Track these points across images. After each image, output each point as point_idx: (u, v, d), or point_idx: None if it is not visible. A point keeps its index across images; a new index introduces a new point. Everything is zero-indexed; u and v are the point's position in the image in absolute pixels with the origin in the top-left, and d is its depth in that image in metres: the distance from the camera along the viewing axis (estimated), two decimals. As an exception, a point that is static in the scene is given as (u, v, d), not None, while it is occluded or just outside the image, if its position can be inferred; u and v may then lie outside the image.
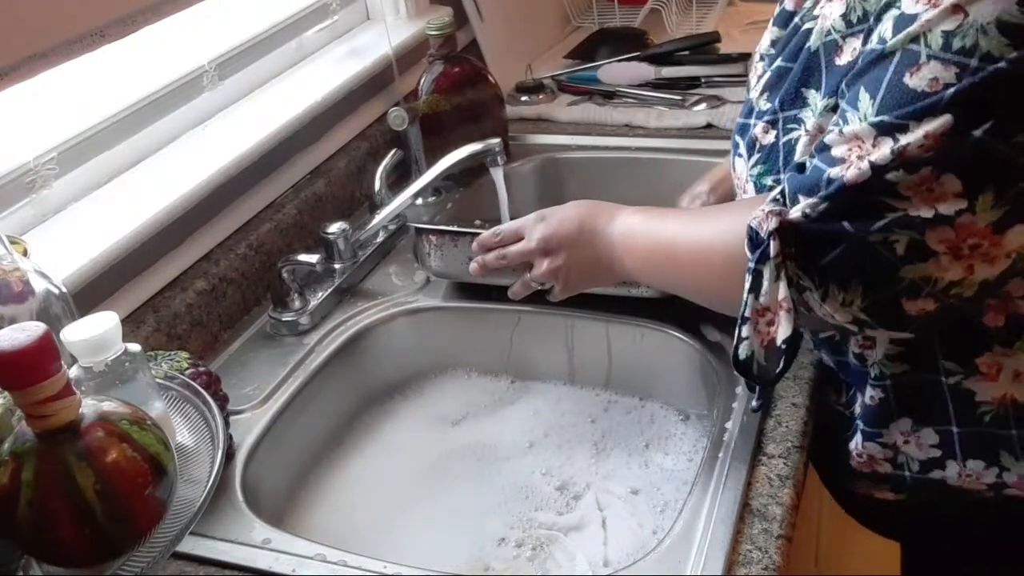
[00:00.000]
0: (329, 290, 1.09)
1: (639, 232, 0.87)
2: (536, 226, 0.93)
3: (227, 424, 0.85)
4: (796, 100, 0.78)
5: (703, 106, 1.43)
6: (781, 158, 0.79)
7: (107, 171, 1.02)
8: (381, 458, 1.01)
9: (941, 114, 0.61)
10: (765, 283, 0.69)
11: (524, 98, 1.52)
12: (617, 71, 1.54)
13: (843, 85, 0.69)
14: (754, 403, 0.85)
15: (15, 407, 0.63)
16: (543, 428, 1.03)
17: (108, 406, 0.64)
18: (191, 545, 0.78)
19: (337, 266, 1.11)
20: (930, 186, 0.62)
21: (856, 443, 0.85)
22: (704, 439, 0.96)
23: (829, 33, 0.76)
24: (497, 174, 1.15)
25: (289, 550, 0.78)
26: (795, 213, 0.67)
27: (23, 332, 0.58)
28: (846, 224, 0.65)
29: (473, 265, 0.99)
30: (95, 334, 0.69)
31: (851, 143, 0.65)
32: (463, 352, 1.11)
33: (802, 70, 0.78)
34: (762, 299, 0.69)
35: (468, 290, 1.10)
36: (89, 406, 0.63)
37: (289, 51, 1.28)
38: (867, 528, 0.95)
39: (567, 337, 1.07)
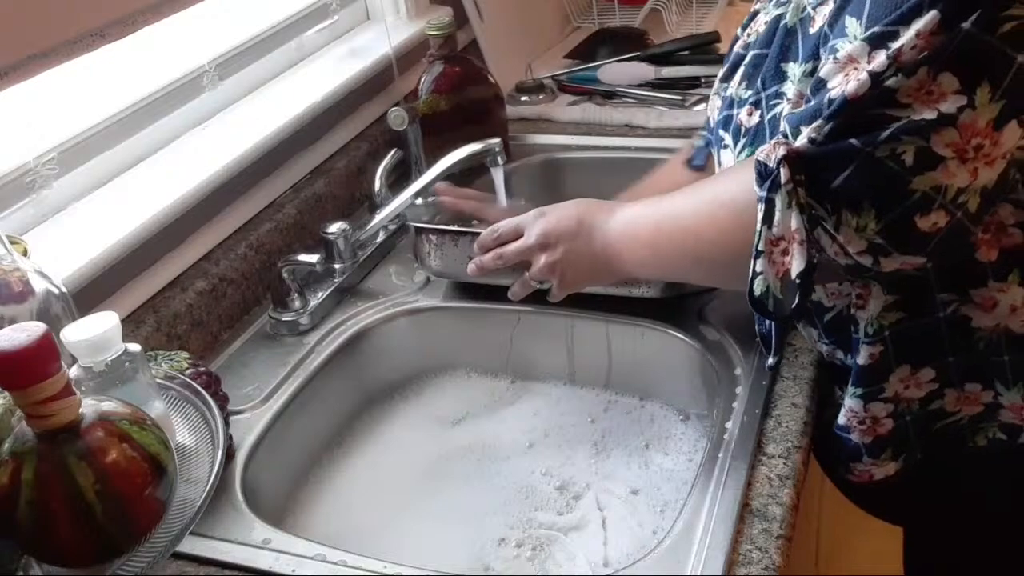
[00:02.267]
0: (329, 290, 1.09)
1: (639, 218, 0.87)
2: (535, 222, 0.93)
3: (227, 424, 0.85)
4: (776, 76, 0.79)
5: (703, 106, 1.43)
6: (768, 134, 0.79)
7: (107, 171, 1.02)
8: (381, 458, 1.01)
9: (928, 10, 0.62)
10: (777, 212, 0.69)
11: (524, 98, 1.52)
12: (617, 71, 1.54)
13: (825, 28, 0.71)
14: (770, 360, 0.85)
15: (15, 407, 0.63)
16: (543, 428, 1.03)
17: (108, 406, 0.64)
18: (191, 545, 0.78)
19: (337, 266, 1.11)
20: (929, 88, 0.63)
21: (856, 410, 0.84)
22: (704, 439, 0.96)
23: (804, 8, 0.77)
24: (497, 174, 1.15)
25: (289, 550, 0.78)
26: (801, 140, 0.68)
27: (23, 332, 0.58)
28: (853, 141, 0.65)
29: (471, 266, 0.99)
30: (95, 334, 0.69)
31: (846, 67, 0.66)
32: (463, 352, 1.11)
33: (780, 48, 0.80)
34: (775, 229, 0.69)
35: (468, 290, 1.10)
36: (89, 406, 0.63)
37: (289, 51, 1.28)
38: (871, 514, 0.96)
39: (567, 337, 1.07)
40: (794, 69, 0.77)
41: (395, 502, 0.95)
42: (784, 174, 0.67)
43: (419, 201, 1.26)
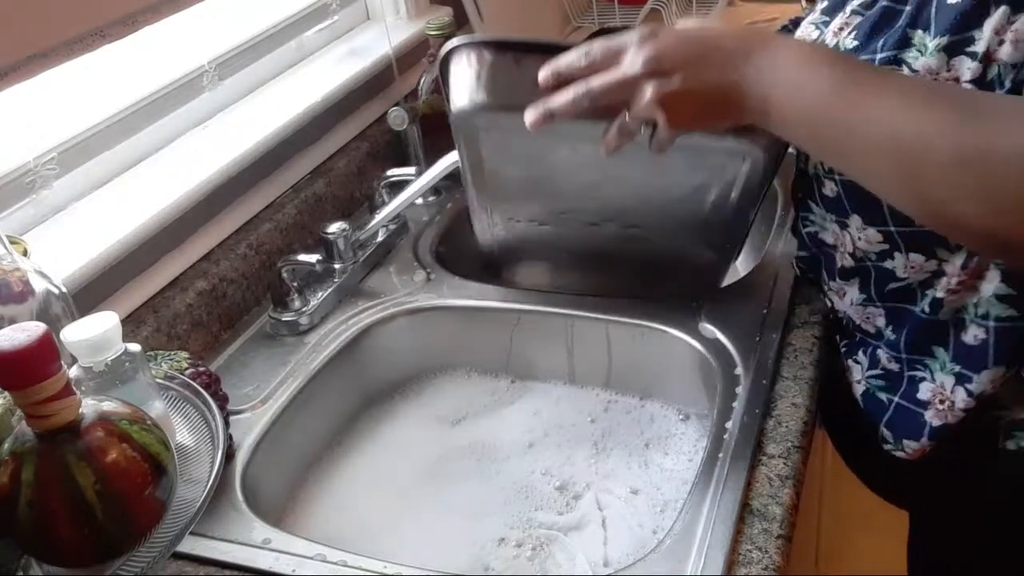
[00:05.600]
0: (329, 290, 1.09)
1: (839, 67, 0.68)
2: (643, 44, 0.71)
3: (227, 424, 0.85)
4: (901, 40, 0.72)
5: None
6: None
7: (107, 171, 1.02)
8: (381, 458, 1.01)
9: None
10: None
11: (524, 98, 1.51)
12: (617, 71, 1.54)
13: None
14: None
15: (15, 407, 0.63)
16: (543, 428, 1.03)
17: (108, 406, 0.64)
18: (191, 545, 0.78)
19: (337, 266, 1.11)
20: None
21: (947, 387, 0.80)
22: (704, 439, 0.96)
23: None
24: (497, 174, 1.15)
25: (289, 550, 0.78)
26: None
27: (23, 332, 0.58)
28: None
29: (535, 113, 0.75)
30: (95, 334, 0.69)
31: None
32: (463, 352, 1.11)
33: (911, 13, 0.72)
34: None
35: (468, 288, 1.10)
36: (89, 406, 0.63)
37: (289, 51, 1.28)
38: (881, 496, 0.95)
39: (567, 337, 1.07)
40: (923, 40, 0.70)
41: (395, 502, 0.95)
42: None
43: (419, 201, 1.26)
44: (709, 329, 0.98)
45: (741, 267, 1.20)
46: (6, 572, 0.65)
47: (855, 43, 0.75)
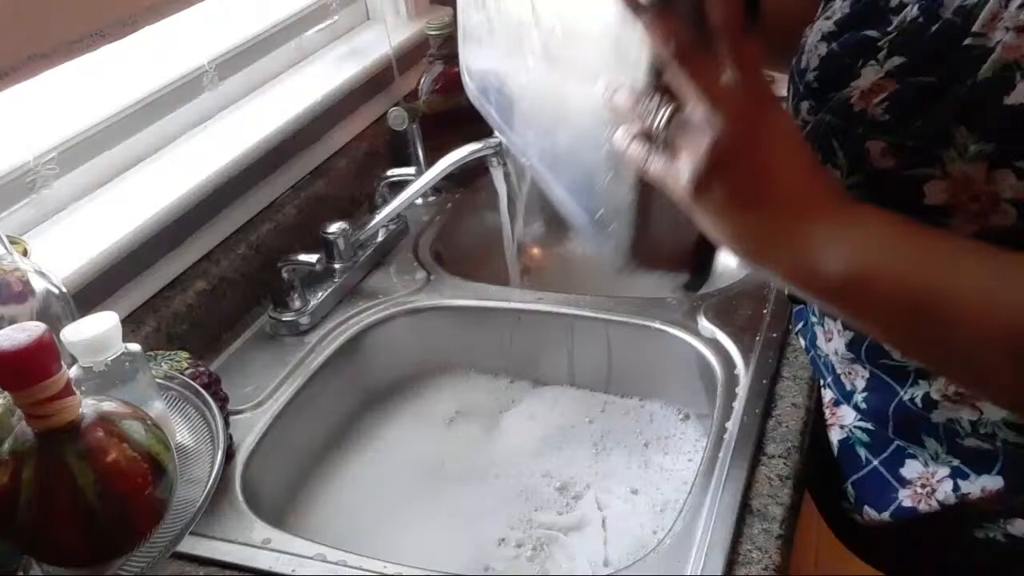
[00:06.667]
0: (329, 290, 1.09)
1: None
2: (711, 122, 0.54)
3: (227, 424, 0.85)
4: (939, 134, 0.59)
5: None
6: (895, 192, 0.61)
7: (107, 171, 1.02)
8: (381, 458, 1.01)
9: None
10: None
11: (524, 98, 1.51)
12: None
13: None
14: None
15: (15, 407, 0.63)
16: (543, 428, 1.03)
17: (108, 406, 0.64)
18: (191, 545, 0.78)
19: (337, 266, 1.11)
20: None
21: (933, 475, 0.74)
22: (704, 439, 0.96)
23: (1009, 68, 0.56)
24: (497, 174, 1.16)
25: (289, 550, 0.78)
26: None
27: (23, 332, 0.58)
28: None
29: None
30: (95, 334, 0.69)
31: None
32: (463, 352, 1.11)
33: (960, 102, 0.58)
34: None
35: (468, 289, 1.10)
36: (89, 406, 0.63)
37: (289, 51, 1.28)
38: (857, 556, 0.93)
39: (567, 337, 1.07)
40: (965, 139, 0.58)
41: (395, 502, 0.95)
42: None
43: (419, 201, 1.26)
44: (709, 329, 0.98)
45: (741, 267, 1.20)
46: (6, 572, 0.65)
47: (886, 116, 0.60)
